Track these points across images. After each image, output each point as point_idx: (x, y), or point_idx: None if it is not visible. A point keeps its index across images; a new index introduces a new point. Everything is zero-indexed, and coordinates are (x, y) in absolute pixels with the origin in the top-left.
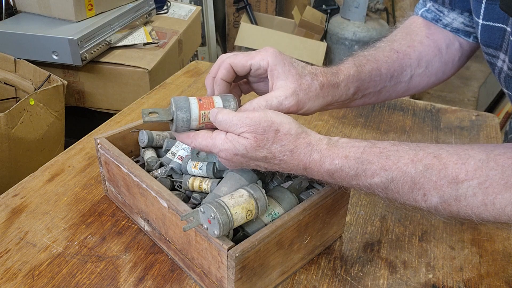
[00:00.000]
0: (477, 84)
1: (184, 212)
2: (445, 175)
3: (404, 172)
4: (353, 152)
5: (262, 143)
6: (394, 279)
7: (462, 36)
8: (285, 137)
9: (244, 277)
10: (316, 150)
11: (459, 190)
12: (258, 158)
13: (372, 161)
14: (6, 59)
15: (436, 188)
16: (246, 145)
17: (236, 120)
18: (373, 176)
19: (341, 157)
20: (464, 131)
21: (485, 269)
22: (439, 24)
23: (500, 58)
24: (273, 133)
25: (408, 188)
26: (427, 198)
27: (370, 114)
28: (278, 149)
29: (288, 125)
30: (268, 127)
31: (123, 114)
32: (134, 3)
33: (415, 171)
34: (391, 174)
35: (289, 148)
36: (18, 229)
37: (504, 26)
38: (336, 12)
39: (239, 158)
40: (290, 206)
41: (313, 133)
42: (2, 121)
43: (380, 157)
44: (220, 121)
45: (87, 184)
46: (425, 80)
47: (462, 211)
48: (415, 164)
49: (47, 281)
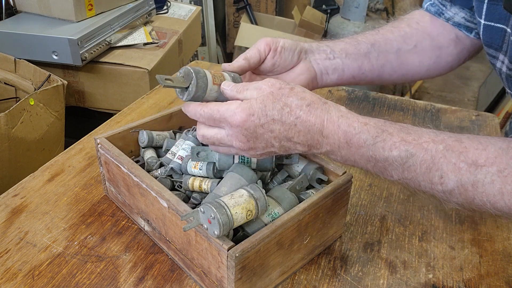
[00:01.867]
0: (477, 84)
1: (184, 212)
2: (465, 158)
3: (424, 149)
4: (373, 121)
5: (279, 96)
6: (394, 279)
7: (464, 31)
8: (301, 93)
9: (244, 277)
10: (334, 109)
11: (478, 176)
12: (274, 115)
13: (393, 133)
14: (6, 59)
15: (454, 171)
16: (263, 99)
17: (253, 83)
18: (391, 148)
19: (361, 122)
20: (464, 131)
21: (485, 269)
22: (442, 18)
23: (499, 59)
24: (288, 89)
25: (426, 168)
26: (443, 180)
27: (370, 114)
28: (295, 102)
29: (302, 87)
30: (284, 84)
31: (123, 114)
32: (134, 3)
33: (436, 150)
34: (411, 149)
35: (306, 102)
36: (18, 229)
37: (504, 27)
38: (336, 12)
39: (254, 120)
40: (290, 206)
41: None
42: (2, 121)
43: (401, 131)
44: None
45: (87, 184)
46: (416, 58)
47: (478, 198)
48: (436, 144)
49: (47, 281)
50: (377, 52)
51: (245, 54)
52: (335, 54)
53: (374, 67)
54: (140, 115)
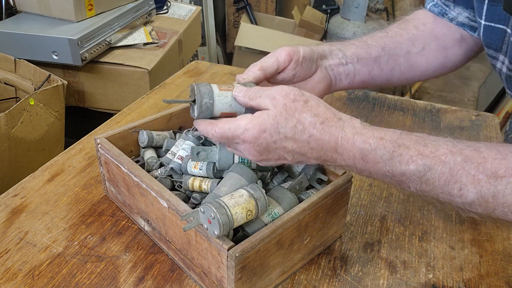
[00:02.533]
0: (477, 84)
1: (184, 212)
2: (484, 169)
3: (442, 161)
4: (389, 135)
5: (292, 111)
6: (394, 279)
7: (468, 30)
8: (315, 108)
9: (244, 277)
10: (348, 126)
11: (498, 187)
12: (287, 133)
13: (409, 146)
14: (6, 59)
15: (473, 183)
16: (276, 115)
17: (267, 90)
18: (408, 162)
19: (376, 137)
20: (464, 131)
21: (485, 269)
22: (445, 18)
23: (499, 60)
24: (302, 102)
25: (445, 180)
26: (463, 192)
27: (370, 114)
28: (308, 120)
29: (317, 100)
30: (299, 95)
31: (123, 114)
32: (134, 3)
33: (454, 162)
34: (428, 162)
35: (319, 120)
36: (18, 229)
37: (504, 27)
38: (336, 12)
39: (266, 137)
40: (290, 206)
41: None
42: (2, 121)
43: (417, 143)
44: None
45: (87, 184)
46: (424, 60)
47: (499, 209)
48: (454, 155)
49: (47, 281)
50: (387, 55)
51: (261, 63)
52: (347, 59)
53: (383, 71)
54: (140, 115)
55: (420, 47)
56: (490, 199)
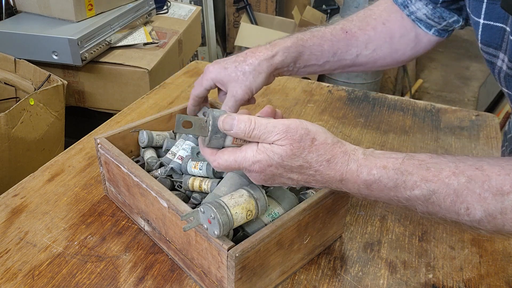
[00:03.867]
0: (477, 84)
1: (184, 212)
2: (489, 187)
3: (446, 184)
4: (391, 163)
5: (298, 152)
6: (394, 279)
7: (423, 28)
8: (322, 146)
9: (244, 277)
10: (353, 160)
11: (505, 202)
12: (293, 168)
13: (412, 172)
14: (6, 59)
15: (480, 201)
16: (282, 154)
17: (271, 127)
18: (413, 188)
19: (379, 167)
20: (464, 131)
21: (485, 269)
22: (406, 11)
23: (499, 58)
24: (309, 141)
25: (451, 202)
26: (470, 211)
27: (370, 114)
28: (314, 159)
29: (324, 135)
30: (305, 135)
31: (123, 114)
32: (134, 3)
33: (458, 184)
34: (432, 186)
35: (326, 157)
36: (18, 229)
37: (504, 26)
38: (336, 12)
39: (272, 170)
40: (290, 206)
41: (347, 143)
42: (2, 121)
43: (420, 168)
44: (253, 127)
45: (87, 184)
46: (371, 61)
47: (508, 224)
48: (457, 177)
49: (47, 281)
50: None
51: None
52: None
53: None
54: (140, 115)
55: (371, 49)
56: (498, 216)
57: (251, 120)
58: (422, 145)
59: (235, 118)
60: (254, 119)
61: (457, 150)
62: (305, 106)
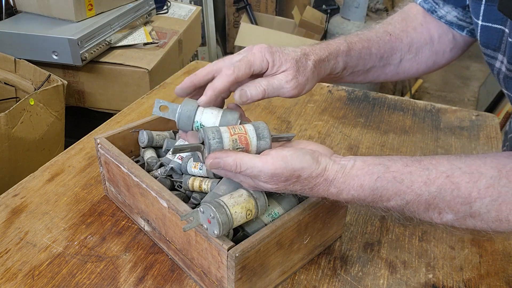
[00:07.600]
0: (477, 84)
1: (184, 212)
2: (458, 194)
3: (418, 195)
4: (367, 181)
5: (283, 186)
6: (394, 279)
7: (456, 29)
8: (306, 180)
9: (244, 277)
10: (333, 186)
11: (473, 208)
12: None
13: (387, 187)
14: (6, 59)
15: (450, 207)
16: (268, 187)
17: (257, 172)
18: (389, 200)
19: (356, 187)
20: (464, 131)
21: (485, 269)
22: (434, 16)
23: (498, 59)
24: (295, 178)
25: (424, 208)
26: (442, 216)
27: (370, 114)
28: (298, 188)
29: (309, 170)
30: (290, 176)
31: (123, 114)
32: (134, 3)
33: (429, 194)
34: (406, 198)
35: (309, 186)
36: (18, 229)
37: (502, 27)
38: (336, 12)
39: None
40: (290, 206)
41: (332, 165)
42: (2, 121)
43: (394, 183)
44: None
45: (87, 184)
46: (414, 66)
47: (478, 226)
48: (428, 187)
49: (47, 281)
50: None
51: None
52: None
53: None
54: (140, 115)
55: (414, 53)
56: (468, 219)
57: (236, 164)
58: (422, 145)
59: (221, 163)
60: (239, 163)
61: (457, 150)
62: (305, 106)
